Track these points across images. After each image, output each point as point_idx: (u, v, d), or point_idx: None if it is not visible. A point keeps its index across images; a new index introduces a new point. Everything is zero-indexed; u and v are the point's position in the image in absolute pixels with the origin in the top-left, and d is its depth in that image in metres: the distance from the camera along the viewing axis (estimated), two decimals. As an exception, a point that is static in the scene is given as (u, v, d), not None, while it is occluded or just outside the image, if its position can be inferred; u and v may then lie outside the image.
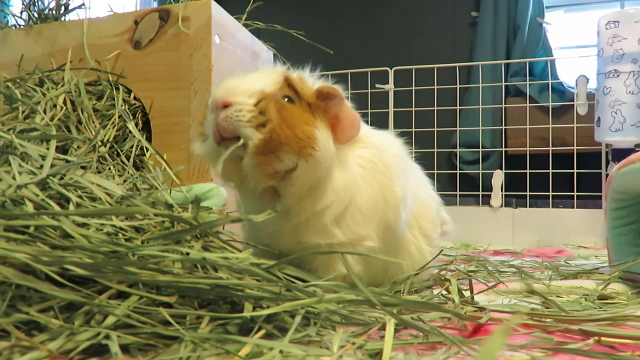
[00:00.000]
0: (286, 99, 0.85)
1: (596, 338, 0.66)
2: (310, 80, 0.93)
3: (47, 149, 0.83)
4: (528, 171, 2.38)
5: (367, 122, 1.07)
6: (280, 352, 0.55)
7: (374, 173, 0.93)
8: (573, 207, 2.33)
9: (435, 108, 2.56)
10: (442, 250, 1.09)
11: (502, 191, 2.41)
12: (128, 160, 1.22)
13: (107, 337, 0.53)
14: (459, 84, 2.59)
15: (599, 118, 2.14)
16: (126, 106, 1.37)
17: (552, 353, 0.61)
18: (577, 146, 2.34)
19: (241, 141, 0.80)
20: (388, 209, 0.94)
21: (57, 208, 0.67)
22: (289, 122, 0.81)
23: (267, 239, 0.91)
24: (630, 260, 1.10)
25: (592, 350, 0.61)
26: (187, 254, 0.64)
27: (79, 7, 1.61)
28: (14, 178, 0.69)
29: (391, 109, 2.58)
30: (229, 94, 0.81)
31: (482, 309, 0.79)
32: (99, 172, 1.06)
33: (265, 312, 0.61)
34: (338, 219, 0.89)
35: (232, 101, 0.81)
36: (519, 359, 0.59)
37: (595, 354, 0.59)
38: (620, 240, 1.18)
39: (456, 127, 2.74)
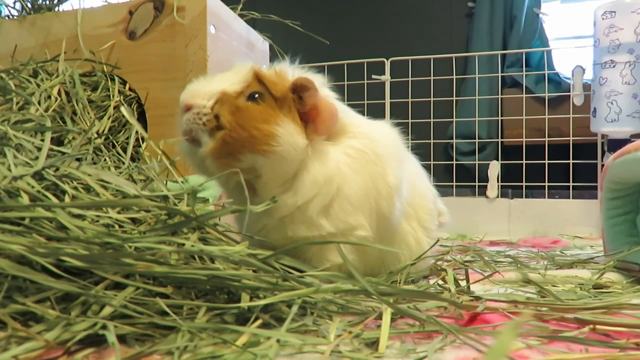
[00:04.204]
0: (257, 95, 0.86)
1: (591, 326, 0.66)
2: (290, 72, 0.93)
3: (42, 140, 0.82)
4: (524, 162, 2.38)
5: (363, 113, 1.06)
6: (277, 341, 0.56)
7: (364, 162, 0.92)
8: (569, 198, 2.33)
9: (432, 99, 2.55)
10: (438, 241, 1.09)
11: (498, 182, 2.41)
12: (124, 151, 1.21)
13: (104, 327, 0.53)
14: (456, 75, 2.58)
15: (594, 109, 2.14)
16: (121, 97, 1.36)
17: (548, 341, 0.61)
18: (573, 137, 2.34)
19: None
20: (381, 198, 0.94)
21: (53, 200, 0.66)
22: (244, 124, 0.83)
23: (258, 235, 0.91)
24: (625, 250, 1.11)
25: (587, 338, 0.61)
26: (183, 245, 0.64)
27: (73, -3, 1.60)
28: (9, 169, 0.69)
29: (387, 100, 2.58)
30: (191, 96, 0.84)
31: (478, 298, 0.80)
32: (95, 164, 1.05)
33: (262, 302, 0.61)
34: (325, 210, 0.89)
35: (192, 104, 0.84)
36: (515, 347, 0.59)
37: (590, 342, 0.60)
38: (616, 230, 1.18)
39: (452, 118, 2.73)
